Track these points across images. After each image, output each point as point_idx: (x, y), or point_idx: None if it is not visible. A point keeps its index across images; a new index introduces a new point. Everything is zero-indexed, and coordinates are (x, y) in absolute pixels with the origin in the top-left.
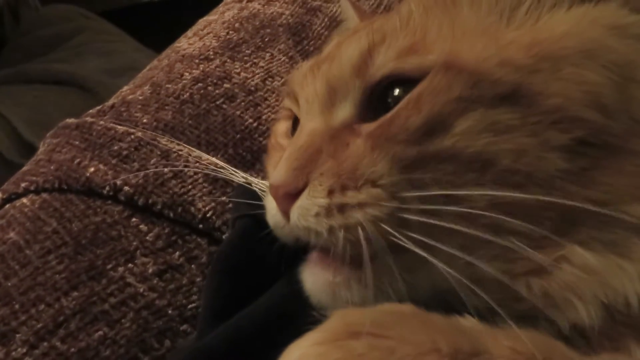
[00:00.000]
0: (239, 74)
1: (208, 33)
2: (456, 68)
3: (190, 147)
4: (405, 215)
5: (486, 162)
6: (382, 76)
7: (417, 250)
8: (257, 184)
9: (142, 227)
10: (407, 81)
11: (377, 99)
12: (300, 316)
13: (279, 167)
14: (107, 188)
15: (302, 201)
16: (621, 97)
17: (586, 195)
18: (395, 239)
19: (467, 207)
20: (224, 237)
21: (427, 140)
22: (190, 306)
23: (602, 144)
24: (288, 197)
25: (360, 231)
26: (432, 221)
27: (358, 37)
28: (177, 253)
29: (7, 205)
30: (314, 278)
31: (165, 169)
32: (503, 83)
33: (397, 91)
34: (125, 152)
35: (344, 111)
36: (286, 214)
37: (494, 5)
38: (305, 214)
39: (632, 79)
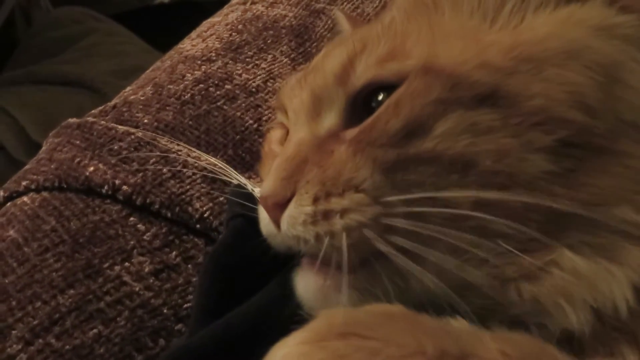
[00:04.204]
0: (240, 75)
1: (211, 35)
2: (434, 71)
3: (189, 147)
4: (390, 221)
5: (467, 164)
6: (363, 84)
7: (398, 257)
8: (250, 187)
9: (140, 226)
10: (389, 86)
11: (361, 105)
12: (291, 318)
13: (268, 178)
14: (106, 187)
15: (290, 210)
16: (606, 98)
17: (572, 197)
18: (378, 246)
19: (452, 208)
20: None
21: (407, 143)
22: (185, 306)
23: (587, 145)
24: (277, 206)
25: (344, 237)
26: (416, 227)
27: (341, 46)
28: (174, 253)
29: (9, 204)
30: (305, 282)
31: (164, 169)
32: (481, 85)
33: (380, 96)
34: (125, 152)
35: (329, 120)
36: (277, 223)
37: (477, 8)
38: (293, 223)
39: (617, 79)
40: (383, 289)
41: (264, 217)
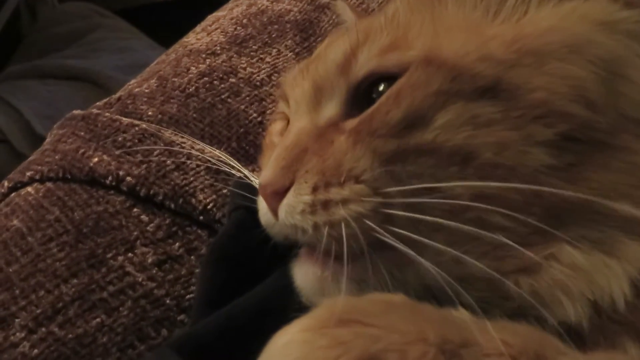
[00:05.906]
0: (245, 69)
1: (216, 28)
2: (436, 63)
3: (193, 140)
4: (389, 211)
5: (467, 156)
6: (365, 74)
7: (400, 247)
8: (252, 179)
9: (143, 217)
10: (391, 77)
11: (362, 96)
12: (293, 308)
13: (267, 166)
14: (110, 178)
15: (289, 199)
16: (608, 93)
17: (572, 191)
18: (379, 236)
19: (450, 199)
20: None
21: (407, 134)
22: (188, 297)
23: (588, 140)
24: (276, 195)
25: (343, 228)
26: (415, 218)
27: (344, 37)
28: (177, 244)
29: (13, 194)
30: (303, 273)
31: (168, 161)
32: (483, 77)
33: (381, 87)
34: (129, 144)
35: (330, 110)
36: (275, 212)
37: (480, 1)
38: (291, 212)
39: (620, 74)
40: (381, 280)
41: (262, 207)
